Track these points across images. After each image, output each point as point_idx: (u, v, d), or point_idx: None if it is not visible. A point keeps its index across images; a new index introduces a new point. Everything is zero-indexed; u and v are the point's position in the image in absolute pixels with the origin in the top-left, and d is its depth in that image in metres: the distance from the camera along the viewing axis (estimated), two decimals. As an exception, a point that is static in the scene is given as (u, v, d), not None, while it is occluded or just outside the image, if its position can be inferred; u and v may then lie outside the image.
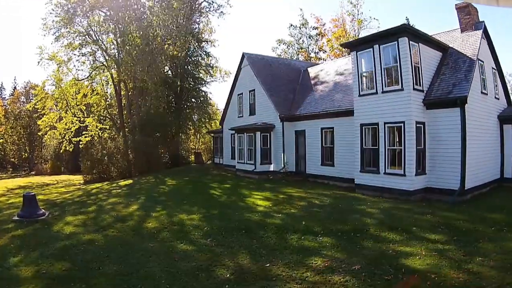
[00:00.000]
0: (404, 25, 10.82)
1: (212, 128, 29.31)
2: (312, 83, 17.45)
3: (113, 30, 23.02)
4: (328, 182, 13.60)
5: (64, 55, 23.75)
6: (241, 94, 19.77)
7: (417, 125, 10.23)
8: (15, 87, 54.57)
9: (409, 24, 16.91)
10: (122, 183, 16.97)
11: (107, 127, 27.83)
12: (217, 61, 39.40)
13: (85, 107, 26.77)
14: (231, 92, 21.12)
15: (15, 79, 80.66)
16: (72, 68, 24.89)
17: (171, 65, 26.90)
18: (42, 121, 26.35)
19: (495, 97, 12.36)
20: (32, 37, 77.82)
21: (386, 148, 10.72)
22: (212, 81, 33.48)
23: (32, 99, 32.99)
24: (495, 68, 12.71)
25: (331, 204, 9.71)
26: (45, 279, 5.08)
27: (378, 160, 10.91)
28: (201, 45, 28.51)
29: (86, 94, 25.83)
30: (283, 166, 16.06)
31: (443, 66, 11.17)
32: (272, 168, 16.31)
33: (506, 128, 12.19)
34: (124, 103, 25.17)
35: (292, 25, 36.06)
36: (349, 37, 31.13)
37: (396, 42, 10.34)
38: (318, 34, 35.59)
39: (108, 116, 27.80)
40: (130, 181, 17.55)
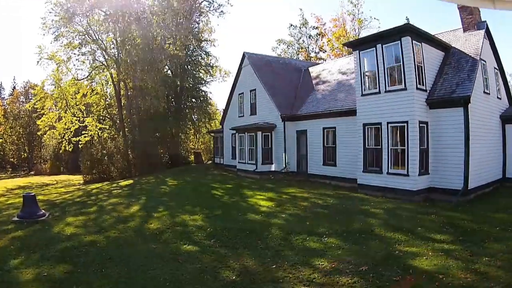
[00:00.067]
0: (407, 25, 10.78)
1: (212, 128, 29.21)
2: (314, 83, 17.39)
3: (113, 30, 22.87)
4: (330, 182, 13.52)
5: (64, 55, 23.69)
6: (242, 94, 19.69)
7: (420, 125, 10.19)
8: (15, 87, 54.28)
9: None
10: (123, 183, 16.89)
11: (107, 127, 27.70)
12: (217, 61, 39.29)
13: (85, 107, 26.62)
14: (232, 92, 21.02)
15: (15, 79, 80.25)
16: (72, 68, 24.87)
17: (171, 65, 26.76)
18: (42, 121, 26.18)
19: (497, 97, 12.35)
20: (32, 37, 77.72)
21: (389, 148, 10.65)
22: (212, 81, 33.47)
23: (32, 99, 32.87)
24: (497, 68, 12.71)
25: (335, 205, 9.65)
26: (47, 282, 5.00)
27: (381, 160, 10.85)
28: (201, 45, 28.41)
29: (86, 94, 25.66)
30: (285, 166, 15.99)
31: (446, 66, 11.13)
32: (274, 168, 16.23)
33: (508, 128, 12.20)
34: (124, 103, 25.04)
35: (292, 25, 36.03)
36: (350, 37, 31.08)
37: (399, 42, 10.28)
38: (318, 34, 35.53)
39: (108, 116, 27.68)
40: (131, 181, 17.45)
